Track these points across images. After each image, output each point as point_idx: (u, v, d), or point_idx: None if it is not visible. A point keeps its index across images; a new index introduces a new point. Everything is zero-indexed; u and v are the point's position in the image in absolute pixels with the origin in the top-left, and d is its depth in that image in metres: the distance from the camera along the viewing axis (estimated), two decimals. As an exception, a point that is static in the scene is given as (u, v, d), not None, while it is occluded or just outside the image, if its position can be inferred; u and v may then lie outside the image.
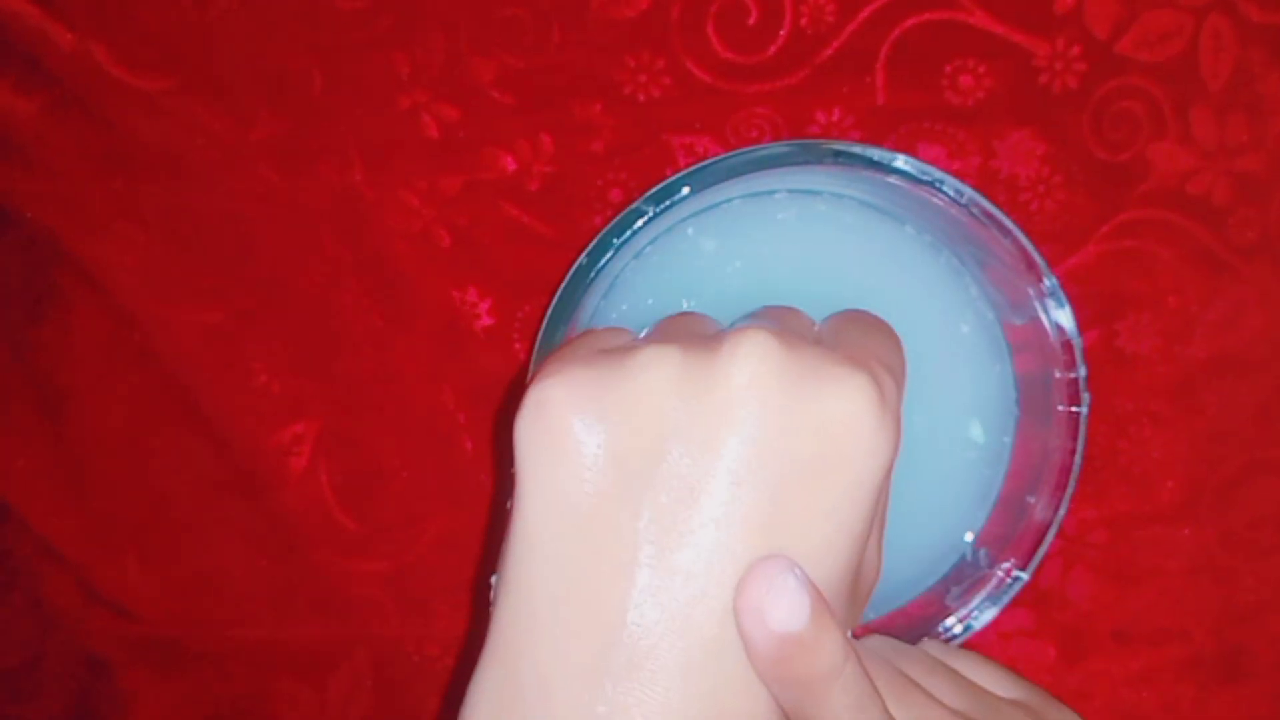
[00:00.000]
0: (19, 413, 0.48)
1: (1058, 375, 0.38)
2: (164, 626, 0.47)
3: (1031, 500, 0.39)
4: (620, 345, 0.27)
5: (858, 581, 0.26)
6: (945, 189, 0.37)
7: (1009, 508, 0.40)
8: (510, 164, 0.44)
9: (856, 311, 0.30)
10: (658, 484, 0.24)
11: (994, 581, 0.39)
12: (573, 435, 0.24)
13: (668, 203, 0.37)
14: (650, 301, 0.40)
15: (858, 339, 0.28)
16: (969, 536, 0.41)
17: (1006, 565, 0.39)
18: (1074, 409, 0.38)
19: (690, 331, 0.28)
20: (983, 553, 0.41)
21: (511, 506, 0.25)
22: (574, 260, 0.37)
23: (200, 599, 0.47)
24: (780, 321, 0.28)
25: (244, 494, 0.46)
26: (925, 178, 0.37)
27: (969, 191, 0.37)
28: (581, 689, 0.24)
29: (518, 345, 0.45)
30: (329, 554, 0.46)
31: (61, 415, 0.47)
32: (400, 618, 0.46)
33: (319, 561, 0.46)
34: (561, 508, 0.25)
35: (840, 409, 0.25)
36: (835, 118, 0.43)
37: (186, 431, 0.46)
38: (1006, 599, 0.39)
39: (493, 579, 0.26)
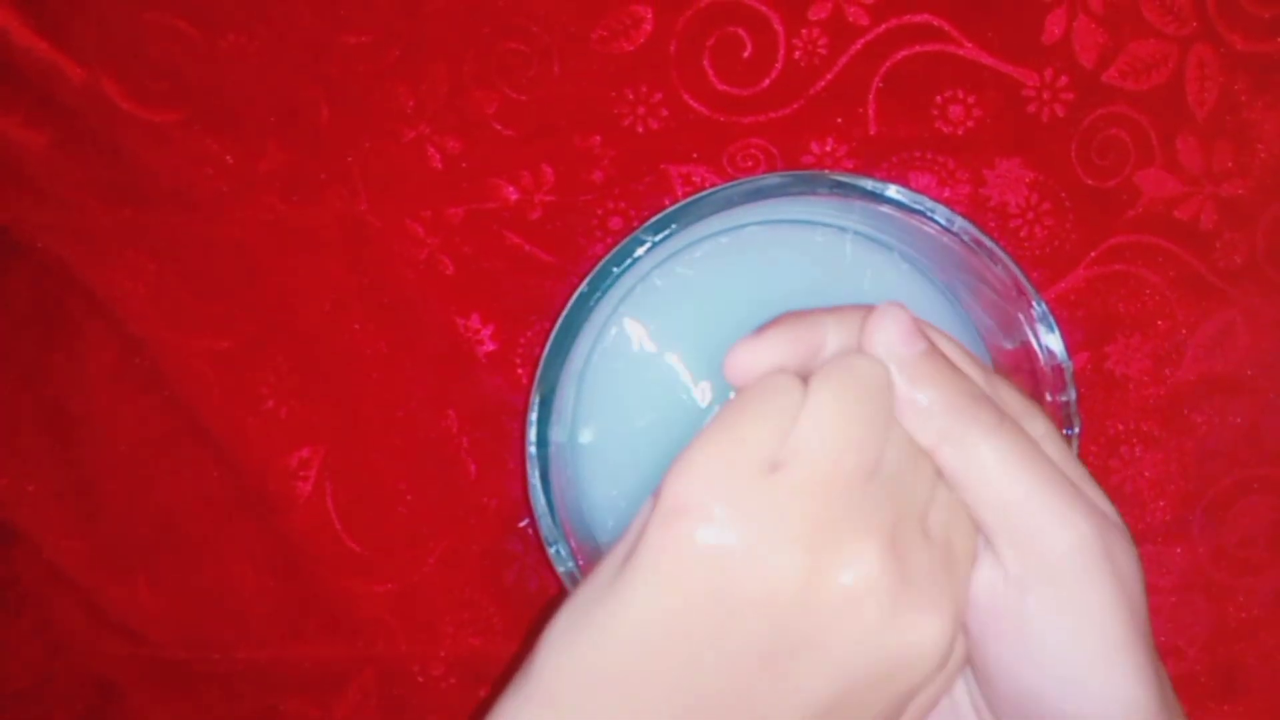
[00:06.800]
0: (29, 438, 0.48)
1: (1049, 399, 0.38)
2: (172, 648, 0.48)
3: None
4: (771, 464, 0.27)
5: None
6: (936, 217, 0.37)
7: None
8: (512, 194, 0.45)
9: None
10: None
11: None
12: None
13: (667, 231, 0.38)
14: (653, 326, 0.40)
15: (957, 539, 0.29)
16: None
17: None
18: (1065, 432, 0.38)
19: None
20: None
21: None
22: (575, 287, 0.38)
23: (208, 620, 0.47)
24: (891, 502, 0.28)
25: (252, 517, 0.47)
26: (917, 206, 0.37)
27: (959, 219, 0.37)
28: None
29: (520, 370, 0.45)
30: (335, 576, 0.46)
31: (71, 440, 0.48)
32: (406, 638, 0.46)
33: (326, 583, 0.46)
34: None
35: (916, 644, 0.27)
36: (829, 148, 0.44)
37: (195, 456, 0.47)
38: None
39: None
